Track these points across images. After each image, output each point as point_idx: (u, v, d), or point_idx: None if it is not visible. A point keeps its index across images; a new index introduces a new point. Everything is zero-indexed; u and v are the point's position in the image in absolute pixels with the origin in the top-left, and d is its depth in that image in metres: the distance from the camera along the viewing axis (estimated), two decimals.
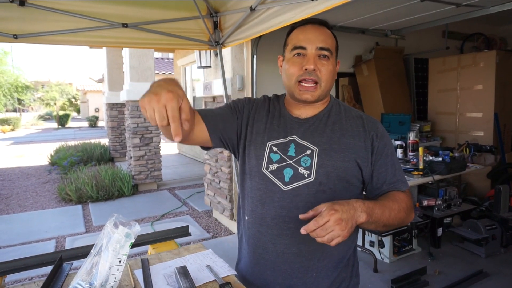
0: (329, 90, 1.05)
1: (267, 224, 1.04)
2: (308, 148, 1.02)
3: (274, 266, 1.04)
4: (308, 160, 1.00)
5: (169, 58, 16.49)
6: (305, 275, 1.03)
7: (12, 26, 2.08)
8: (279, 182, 1.01)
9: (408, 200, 1.02)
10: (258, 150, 1.06)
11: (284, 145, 1.04)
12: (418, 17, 3.76)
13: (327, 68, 1.00)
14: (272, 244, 1.04)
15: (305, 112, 1.07)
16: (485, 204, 3.63)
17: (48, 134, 17.64)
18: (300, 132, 1.05)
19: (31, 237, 3.88)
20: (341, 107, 1.10)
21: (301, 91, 1.01)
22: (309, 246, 1.02)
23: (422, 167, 2.91)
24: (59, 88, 28.73)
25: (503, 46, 5.37)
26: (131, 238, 0.92)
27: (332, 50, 1.02)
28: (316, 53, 1.00)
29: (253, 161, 1.06)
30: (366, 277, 2.76)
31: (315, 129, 1.05)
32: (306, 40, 1.01)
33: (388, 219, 0.93)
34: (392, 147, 1.08)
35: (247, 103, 1.13)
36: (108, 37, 2.36)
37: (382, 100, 4.53)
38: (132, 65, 5.66)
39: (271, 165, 1.03)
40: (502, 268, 2.82)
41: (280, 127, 1.07)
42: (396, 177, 1.04)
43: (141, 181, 5.73)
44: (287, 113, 1.09)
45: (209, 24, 2.64)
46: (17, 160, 9.39)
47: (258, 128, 1.08)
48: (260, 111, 1.12)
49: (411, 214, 1.02)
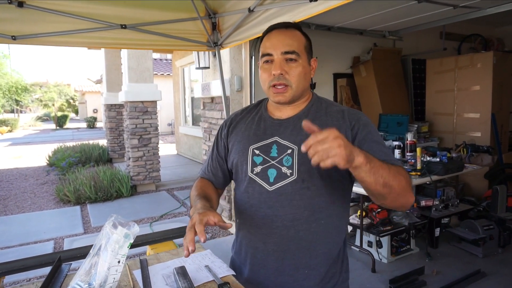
0: (303, 89, 1.07)
1: (256, 225, 1.08)
2: (289, 147, 1.05)
3: (266, 264, 1.08)
4: (290, 159, 1.04)
5: (168, 59, 16.48)
6: (296, 272, 1.06)
7: (11, 27, 2.08)
8: (264, 183, 1.06)
9: (405, 172, 0.95)
10: (242, 156, 1.11)
11: (266, 147, 1.08)
12: (416, 18, 3.78)
13: (296, 70, 1.04)
14: (262, 243, 1.07)
15: (286, 112, 1.11)
16: (482, 204, 3.64)
17: (46, 135, 17.59)
18: (281, 132, 1.08)
19: (29, 238, 3.87)
20: (322, 103, 1.12)
21: (275, 94, 1.06)
22: (298, 244, 1.04)
23: (420, 168, 2.92)
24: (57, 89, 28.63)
25: (500, 47, 5.40)
26: (130, 239, 0.92)
27: (299, 52, 1.04)
28: (282, 58, 1.03)
29: (239, 167, 1.12)
30: (364, 277, 2.77)
31: (294, 128, 1.07)
32: (272, 46, 1.05)
33: (388, 175, 0.86)
34: (378, 135, 1.04)
35: (223, 128, 1.22)
36: (106, 38, 2.37)
37: (380, 101, 4.55)
38: (130, 66, 5.66)
39: (256, 167, 1.07)
40: (500, 268, 2.83)
41: (261, 131, 1.11)
42: (386, 156, 0.98)
43: (140, 182, 5.73)
44: (268, 116, 1.14)
45: (208, 25, 2.64)
46: (15, 161, 9.36)
47: (237, 138, 1.15)
48: (238, 123, 1.18)
49: (411, 191, 0.95)
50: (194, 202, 1.06)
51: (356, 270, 2.85)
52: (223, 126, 1.23)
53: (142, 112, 5.65)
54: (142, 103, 5.64)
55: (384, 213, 2.98)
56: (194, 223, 0.89)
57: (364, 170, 0.82)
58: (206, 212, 0.93)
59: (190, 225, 0.91)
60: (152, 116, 5.74)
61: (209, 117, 4.16)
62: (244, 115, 1.20)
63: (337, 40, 4.49)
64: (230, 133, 1.19)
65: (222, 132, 1.22)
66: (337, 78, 4.72)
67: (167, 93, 9.80)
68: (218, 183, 1.23)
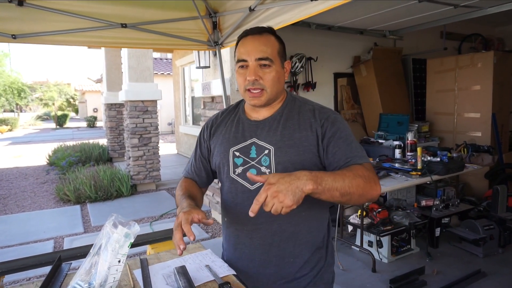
0: (277, 92, 1.12)
1: (242, 222, 1.15)
2: (266, 148, 1.11)
3: (253, 257, 1.15)
4: (267, 159, 1.09)
5: (168, 58, 16.48)
6: (281, 262, 1.13)
7: (11, 26, 2.07)
8: (246, 183, 1.12)
9: (365, 169, 0.99)
10: (223, 158, 1.16)
11: (245, 148, 1.13)
12: (416, 18, 3.77)
13: (269, 75, 1.08)
14: (249, 238, 1.14)
15: (263, 113, 1.16)
16: (483, 204, 3.64)
17: (46, 134, 17.60)
18: (258, 133, 1.14)
19: (29, 238, 3.87)
20: (296, 103, 1.17)
21: (250, 98, 1.10)
22: (282, 236, 1.11)
23: (420, 168, 2.91)
24: (58, 88, 28.67)
25: (501, 46, 5.39)
26: (130, 238, 0.92)
27: (272, 57, 1.08)
28: (256, 64, 1.07)
29: (222, 169, 1.18)
30: (364, 277, 2.77)
31: (270, 128, 1.13)
32: (246, 52, 1.08)
33: (343, 186, 0.91)
34: (347, 132, 1.09)
35: (205, 130, 1.27)
36: (106, 37, 2.36)
37: (380, 101, 4.54)
38: (130, 65, 5.66)
39: (237, 168, 1.13)
40: (500, 268, 2.83)
41: (240, 133, 1.16)
42: (352, 153, 1.04)
43: (140, 181, 5.73)
44: (245, 118, 1.19)
45: (208, 24, 2.64)
46: (15, 161, 9.36)
47: (218, 140, 1.20)
48: (218, 126, 1.24)
49: (374, 185, 0.98)
50: (180, 201, 1.12)
51: (357, 270, 2.85)
52: (204, 128, 1.28)
53: (142, 112, 5.64)
54: (143, 102, 5.63)
55: (385, 213, 2.98)
56: (180, 222, 0.96)
57: (317, 193, 0.88)
58: (190, 211, 1.00)
59: (176, 224, 0.97)
60: (152, 115, 5.74)
61: (210, 117, 4.16)
62: (224, 117, 1.24)
63: (337, 39, 4.49)
64: (212, 135, 1.24)
65: (205, 133, 1.26)
66: (338, 77, 4.71)
67: (167, 92, 9.79)
68: (201, 182, 1.29)
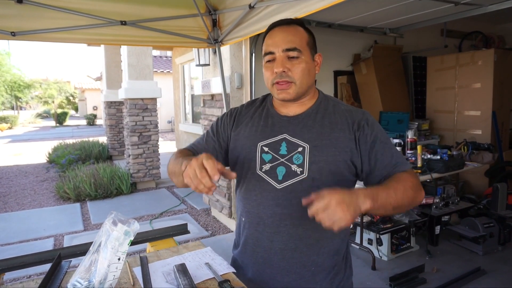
0: (307, 86, 1.06)
1: (263, 223, 1.06)
2: (299, 145, 1.04)
3: (272, 263, 1.06)
4: (300, 157, 1.03)
5: (168, 56, 16.46)
6: (302, 270, 1.05)
7: (10, 23, 2.06)
8: (272, 181, 1.04)
9: (413, 178, 0.98)
10: (249, 153, 1.08)
11: (275, 144, 1.06)
12: (417, 15, 3.76)
13: (298, 66, 1.02)
14: (269, 241, 1.06)
15: (293, 109, 1.10)
16: (482, 202, 3.64)
17: (46, 132, 17.59)
18: (290, 129, 1.07)
19: (29, 235, 3.87)
20: (329, 102, 1.12)
21: (278, 91, 1.04)
22: (306, 242, 1.04)
23: (420, 165, 2.91)
24: (57, 86, 28.60)
25: (501, 44, 5.37)
26: (130, 236, 0.92)
27: (301, 48, 1.03)
28: (284, 55, 1.02)
29: (245, 164, 1.09)
30: (364, 274, 2.77)
31: (305, 125, 1.06)
32: (273, 44, 1.03)
33: (396, 200, 0.90)
34: (384, 134, 1.06)
35: (229, 116, 1.18)
36: (106, 35, 2.35)
37: (380, 98, 4.54)
38: (130, 63, 5.65)
39: (264, 165, 1.06)
40: (500, 266, 2.84)
41: (269, 127, 1.09)
42: (394, 160, 1.02)
43: (140, 179, 5.73)
44: (275, 113, 1.12)
45: (208, 22, 2.63)
46: (15, 158, 9.36)
47: (244, 133, 1.12)
48: (244, 117, 1.16)
49: (421, 192, 0.99)
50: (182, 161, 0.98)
51: (356, 268, 2.84)
52: (228, 114, 1.19)
53: (142, 110, 5.64)
54: (142, 100, 5.63)
55: None
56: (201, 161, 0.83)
57: (373, 210, 0.86)
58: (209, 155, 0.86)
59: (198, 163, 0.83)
60: (152, 113, 5.73)
61: (209, 114, 4.15)
62: (250, 109, 1.18)
63: (337, 37, 4.48)
64: (235, 124, 1.16)
65: (228, 119, 1.18)
66: (338, 75, 4.70)
67: (167, 90, 9.77)
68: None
